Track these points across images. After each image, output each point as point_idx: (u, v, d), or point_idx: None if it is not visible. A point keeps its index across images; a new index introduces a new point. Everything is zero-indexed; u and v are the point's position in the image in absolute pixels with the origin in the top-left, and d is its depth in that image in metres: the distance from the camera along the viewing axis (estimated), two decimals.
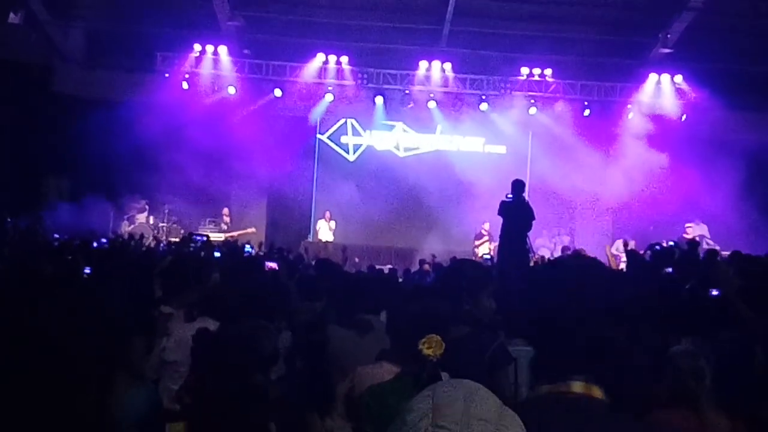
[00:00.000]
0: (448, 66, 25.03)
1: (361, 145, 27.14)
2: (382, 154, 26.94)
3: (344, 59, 25.02)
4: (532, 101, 25.38)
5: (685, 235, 22.40)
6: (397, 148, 27.16)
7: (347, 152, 27.18)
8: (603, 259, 17.93)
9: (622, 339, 2.50)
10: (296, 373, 5.20)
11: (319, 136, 27.14)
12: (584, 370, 2.44)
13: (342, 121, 27.12)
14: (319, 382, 4.53)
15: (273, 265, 11.09)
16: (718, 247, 16.97)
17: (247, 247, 17.34)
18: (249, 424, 4.14)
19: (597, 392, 2.44)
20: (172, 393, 5.79)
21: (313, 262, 14.64)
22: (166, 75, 24.84)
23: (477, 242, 23.96)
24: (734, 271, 9.36)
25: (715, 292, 8.07)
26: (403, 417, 1.86)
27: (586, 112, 25.40)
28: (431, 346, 3.60)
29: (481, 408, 1.81)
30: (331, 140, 27.21)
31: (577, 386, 2.41)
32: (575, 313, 2.42)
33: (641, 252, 16.56)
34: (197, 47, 24.88)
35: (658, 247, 15.08)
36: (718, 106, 24.07)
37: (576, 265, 2.73)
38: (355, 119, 26.86)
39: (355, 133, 27.08)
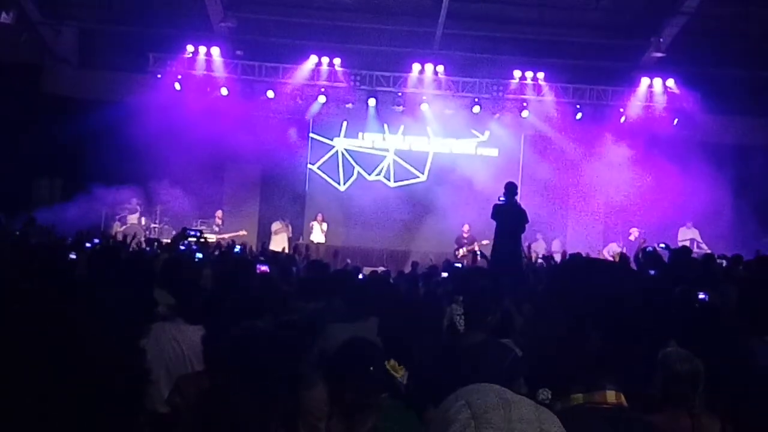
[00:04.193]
0: (440, 68, 25.02)
1: (352, 170, 27.24)
2: (373, 184, 26.98)
3: (337, 61, 25.01)
4: (525, 104, 25.37)
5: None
6: (388, 178, 27.22)
7: (338, 183, 27.23)
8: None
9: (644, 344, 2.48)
10: None
11: (309, 166, 27.19)
12: (615, 378, 2.40)
13: (332, 151, 27.25)
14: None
15: (264, 268, 11.09)
16: (709, 251, 17.03)
17: (237, 248, 17.29)
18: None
19: (624, 400, 2.41)
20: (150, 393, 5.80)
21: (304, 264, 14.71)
22: (159, 76, 24.80)
23: (456, 246, 23.81)
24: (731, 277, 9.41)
25: (702, 296, 8.09)
26: (442, 430, 1.83)
27: (579, 116, 25.39)
28: (396, 370, 3.69)
29: (520, 409, 1.81)
30: (322, 170, 27.28)
31: (612, 395, 2.37)
32: (610, 317, 2.39)
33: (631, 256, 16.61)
34: (190, 48, 24.84)
35: (650, 249, 15.13)
36: (709, 110, 24.19)
37: (603, 267, 2.70)
38: (349, 121, 26.85)
39: (350, 135, 27.09)
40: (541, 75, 25.08)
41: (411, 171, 27.17)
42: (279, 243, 23.83)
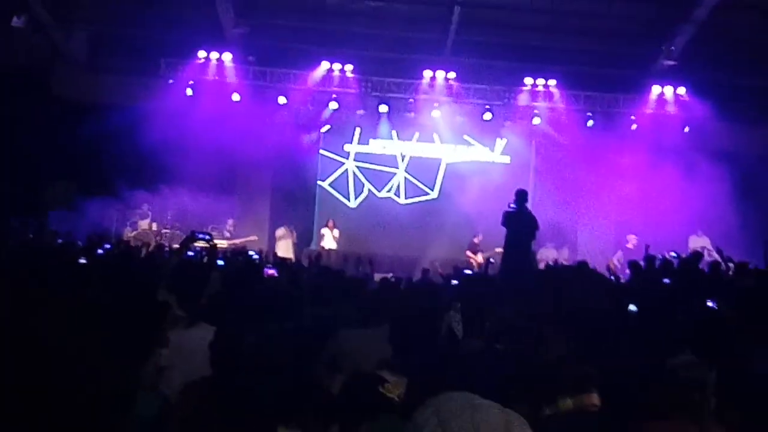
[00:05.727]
0: (452, 75, 25.03)
1: (362, 186, 27.26)
2: (383, 202, 27.04)
3: (348, 67, 25.04)
4: (536, 111, 25.39)
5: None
6: (398, 195, 27.28)
7: (348, 199, 27.27)
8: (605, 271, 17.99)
9: (625, 349, 2.52)
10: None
11: (319, 182, 27.25)
12: (598, 380, 2.43)
13: (343, 168, 27.26)
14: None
15: (272, 271, 11.09)
16: (720, 259, 16.97)
17: (254, 255, 17.25)
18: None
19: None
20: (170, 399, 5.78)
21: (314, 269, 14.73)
22: (171, 81, 24.83)
23: (470, 254, 23.83)
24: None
25: (710, 304, 8.08)
26: None
27: (590, 123, 25.38)
28: (391, 390, 3.74)
29: (486, 413, 1.83)
30: (333, 187, 27.32)
31: (596, 398, 2.40)
32: (583, 323, 2.43)
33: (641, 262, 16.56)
34: (202, 54, 24.86)
35: (660, 257, 15.10)
36: (720, 118, 24.15)
37: (590, 274, 2.75)
38: (361, 127, 26.86)
39: (362, 141, 27.10)
40: (552, 82, 25.08)
41: (421, 188, 27.18)
42: (283, 249, 23.86)
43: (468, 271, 17.53)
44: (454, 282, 13.32)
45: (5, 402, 2.09)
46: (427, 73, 25.10)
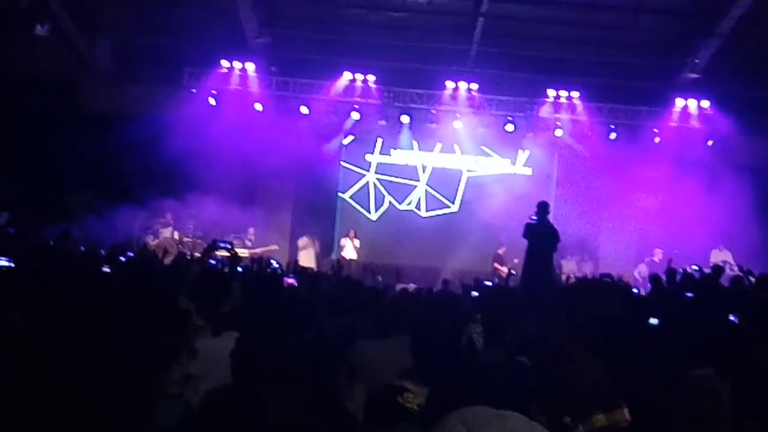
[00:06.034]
0: (474, 86, 24.99)
1: (383, 199, 27.29)
2: (404, 215, 27.10)
3: (371, 78, 25.06)
4: (558, 123, 25.32)
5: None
6: (418, 208, 27.30)
7: (369, 211, 27.30)
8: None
9: (637, 358, 2.50)
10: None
11: (340, 194, 27.33)
12: (624, 395, 2.42)
13: (364, 180, 27.32)
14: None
15: (291, 281, 11.11)
16: (742, 274, 16.87)
17: (274, 263, 17.27)
18: None
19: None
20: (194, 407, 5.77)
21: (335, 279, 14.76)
22: (194, 90, 24.93)
23: (498, 266, 23.79)
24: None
25: (732, 318, 8.04)
26: None
27: (613, 136, 25.27)
28: (410, 401, 3.76)
29: (512, 423, 1.84)
30: (353, 199, 27.39)
31: (627, 413, 2.40)
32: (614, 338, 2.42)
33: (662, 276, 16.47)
34: (225, 63, 24.98)
35: (681, 271, 15.01)
36: (744, 132, 24.04)
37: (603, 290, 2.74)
38: (383, 138, 26.88)
39: (383, 152, 27.13)
40: (575, 94, 25.00)
41: (443, 201, 27.18)
42: (306, 259, 23.87)
43: (488, 283, 17.47)
44: (474, 293, 13.29)
45: (9, 403, 2.09)
46: (450, 84, 25.09)
